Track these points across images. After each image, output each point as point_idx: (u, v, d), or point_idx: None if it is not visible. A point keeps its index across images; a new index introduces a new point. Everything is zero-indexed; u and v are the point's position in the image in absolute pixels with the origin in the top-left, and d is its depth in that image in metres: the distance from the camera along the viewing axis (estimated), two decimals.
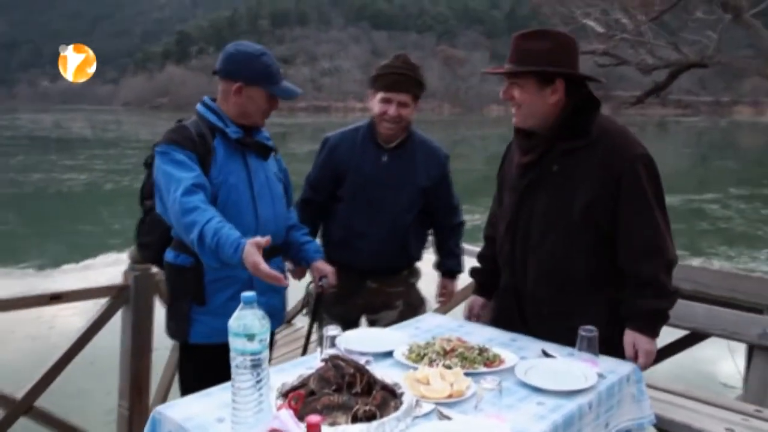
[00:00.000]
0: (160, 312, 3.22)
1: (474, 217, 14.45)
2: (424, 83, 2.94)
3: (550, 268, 2.37)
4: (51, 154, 30.02)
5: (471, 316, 2.76)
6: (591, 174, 2.23)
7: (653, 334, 2.26)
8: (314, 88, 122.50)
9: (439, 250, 3.26)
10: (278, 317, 2.69)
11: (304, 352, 2.90)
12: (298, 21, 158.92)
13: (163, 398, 3.32)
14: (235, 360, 1.60)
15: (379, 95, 2.86)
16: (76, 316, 6.83)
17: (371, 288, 3.05)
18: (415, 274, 3.22)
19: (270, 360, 2.75)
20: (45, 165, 24.88)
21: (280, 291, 2.63)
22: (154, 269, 3.10)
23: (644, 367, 2.23)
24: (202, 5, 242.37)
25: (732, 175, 22.52)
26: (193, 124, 2.45)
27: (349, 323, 3.05)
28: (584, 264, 2.32)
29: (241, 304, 1.61)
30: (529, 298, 2.45)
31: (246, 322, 1.59)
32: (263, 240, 2.18)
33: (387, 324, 3.00)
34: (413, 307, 3.15)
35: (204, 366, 2.48)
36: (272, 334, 2.78)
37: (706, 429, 2.37)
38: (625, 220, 2.24)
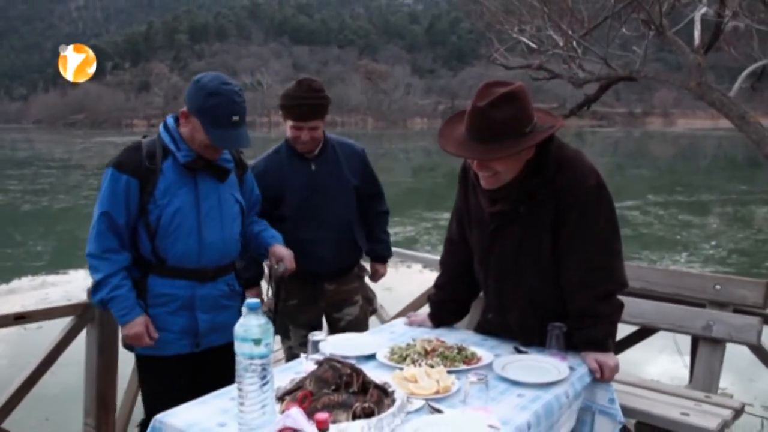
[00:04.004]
0: None
1: (406, 229, 14.72)
2: (329, 101, 3.07)
3: (531, 303, 2.38)
4: None
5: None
6: (551, 209, 2.25)
7: (607, 350, 2.27)
8: None
9: (369, 238, 3.40)
10: (228, 333, 2.73)
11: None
12: (217, 36, 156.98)
13: (129, 414, 3.29)
14: (242, 364, 1.66)
15: (290, 122, 2.99)
16: None
17: (330, 290, 3.21)
18: (363, 269, 3.45)
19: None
20: None
21: (229, 307, 2.68)
22: None
23: (610, 380, 2.27)
24: (115, 20, 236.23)
25: (648, 183, 23.57)
26: (149, 143, 2.52)
27: (314, 328, 3.18)
28: (562, 294, 2.34)
29: (245, 310, 1.67)
30: (517, 332, 2.46)
31: (251, 328, 1.65)
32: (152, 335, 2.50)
33: (351, 319, 3.24)
34: (369, 299, 3.42)
35: (156, 377, 2.61)
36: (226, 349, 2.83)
37: (663, 414, 2.55)
38: (563, 252, 2.29)
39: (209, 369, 2.67)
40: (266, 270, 3.22)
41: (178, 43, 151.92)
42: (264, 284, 3.47)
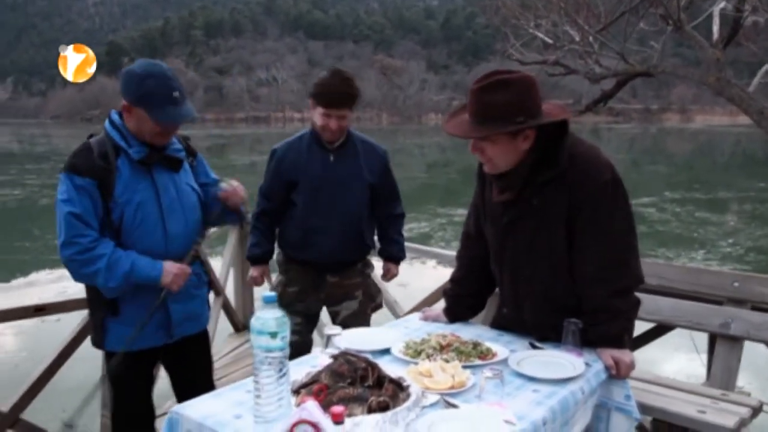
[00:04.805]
0: None
1: (420, 225, 14.71)
2: (360, 93, 3.16)
3: (545, 298, 2.38)
4: None
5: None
6: (564, 204, 2.24)
7: (623, 347, 2.27)
8: (251, 98, 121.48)
9: (382, 238, 3.50)
10: (199, 321, 2.79)
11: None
12: (233, 31, 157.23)
13: None
14: (258, 356, 1.66)
15: (320, 110, 3.05)
16: (11, 336, 6.73)
17: (331, 282, 3.27)
18: (369, 265, 3.47)
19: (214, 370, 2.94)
20: None
21: (197, 296, 2.72)
22: None
23: (626, 377, 2.26)
24: (132, 16, 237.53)
25: (665, 180, 23.39)
26: (99, 143, 2.46)
27: (310, 317, 3.33)
28: (576, 289, 2.33)
29: (261, 304, 1.68)
30: (531, 327, 2.46)
31: (267, 321, 1.65)
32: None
33: (348, 314, 3.29)
34: (371, 295, 3.44)
35: (126, 373, 2.59)
36: (201, 338, 2.84)
37: (680, 412, 2.53)
38: (578, 248, 2.27)
39: (185, 358, 2.72)
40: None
41: (193, 38, 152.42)
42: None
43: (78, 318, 3.14)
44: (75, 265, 2.40)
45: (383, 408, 1.75)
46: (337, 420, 1.54)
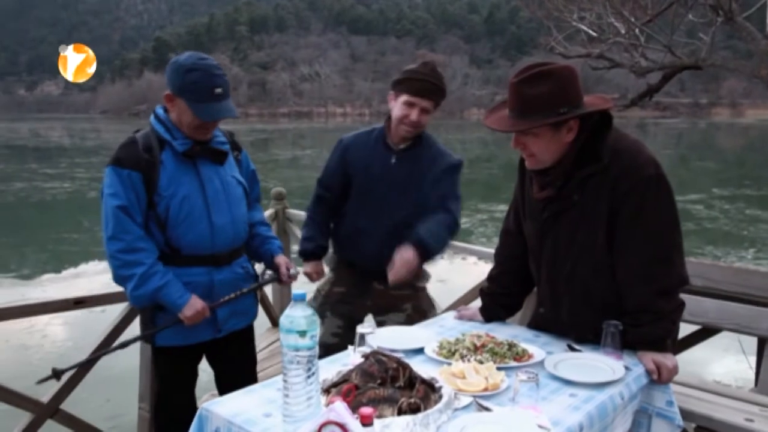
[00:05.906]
0: None
1: (461, 221, 14.57)
2: (445, 94, 2.95)
3: (584, 296, 2.31)
4: (30, 163, 29.69)
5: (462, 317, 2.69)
6: (606, 200, 2.17)
7: (665, 350, 2.19)
8: (294, 93, 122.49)
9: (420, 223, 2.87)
10: (247, 316, 2.79)
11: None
12: (277, 27, 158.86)
13: None
14: (287, 355, 1.64)
15: (403, 98, 2.86)
16: (59, 326, 6.90)
17: (378, 290, 3.05)
18: (424, 277, 3.17)
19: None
20: (25, 174, 24.59)
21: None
22: None
23: (668, 382, 2.18)
24: (178, 12, 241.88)
25: (714, 176, 22.81)
26: (144, 137, 2.50)
27: (353, 323, 3.10)
28: (617, 288, 2.26)
29: (291, 302, 1.65)
30: (569, 327, 2.39)
31: (297, 319, 1.63)
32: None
33: (393, 327, 3.03)
34: (422, 311, 3.12)
35: (173, 368, 2.65)
36: (247, 332, 2.86)
37: (726, 419, 2.42)
38: (619, 245, 2.20)
39: (230, 353, 2.73)
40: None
41: (238, 34, 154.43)
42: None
43: (121, 309, 3.17)
44: (116, 263, 2.43)
45: (414, 409, 1.71)
46: (366, 422, 1.51)
